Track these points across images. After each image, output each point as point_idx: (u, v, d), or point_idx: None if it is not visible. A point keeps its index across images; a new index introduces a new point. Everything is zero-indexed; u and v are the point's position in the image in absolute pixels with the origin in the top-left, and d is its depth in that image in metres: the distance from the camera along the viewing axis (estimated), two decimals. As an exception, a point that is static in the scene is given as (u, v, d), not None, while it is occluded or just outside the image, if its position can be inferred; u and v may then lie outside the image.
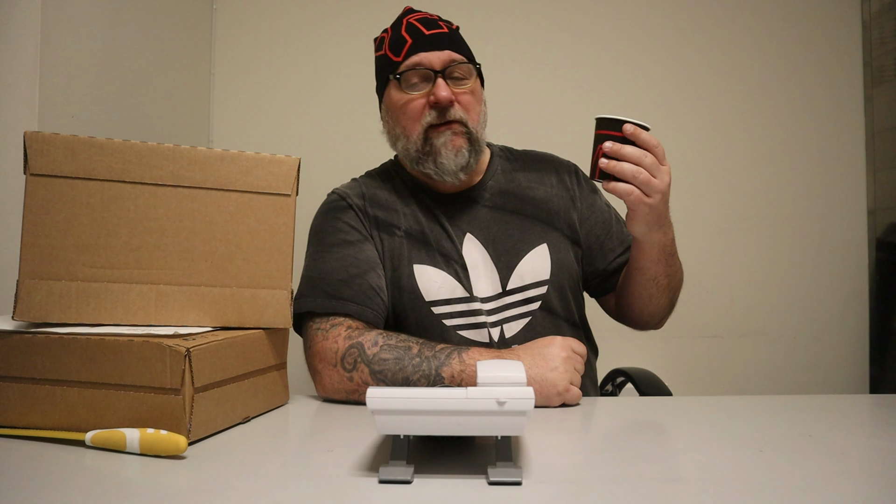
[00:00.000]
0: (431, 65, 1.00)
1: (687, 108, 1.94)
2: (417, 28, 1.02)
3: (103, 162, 0.81)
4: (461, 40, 1.07)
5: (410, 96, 1.01)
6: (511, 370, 0.66)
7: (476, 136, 1.03)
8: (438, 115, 1.00)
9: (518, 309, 1.03)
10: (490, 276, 1.03)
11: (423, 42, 1.01)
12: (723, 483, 0.62)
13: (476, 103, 1.04)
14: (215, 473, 0.65)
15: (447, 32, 1.04)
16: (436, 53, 1.01)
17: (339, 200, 1.08)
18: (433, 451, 0.69)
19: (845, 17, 1.90)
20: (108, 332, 0.77)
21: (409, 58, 1.01)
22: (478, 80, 1.06)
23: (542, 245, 1.06)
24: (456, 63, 1.01)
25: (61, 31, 1.23)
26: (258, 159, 0.87)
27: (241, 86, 1.93)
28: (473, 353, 0.89)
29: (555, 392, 0.86)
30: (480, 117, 1.05)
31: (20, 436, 0.75)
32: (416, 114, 1.01)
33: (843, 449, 0.71)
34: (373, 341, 0.92)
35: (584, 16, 1.94)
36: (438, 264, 1.03)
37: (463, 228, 1.05)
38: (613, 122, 0.90)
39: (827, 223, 1.89)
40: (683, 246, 1.91)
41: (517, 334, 1.02)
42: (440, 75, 1.00)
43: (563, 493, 0.59)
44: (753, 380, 1.85)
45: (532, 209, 1.09)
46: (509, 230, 1.06)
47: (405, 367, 0.89)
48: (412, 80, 1.02)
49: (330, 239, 1.04)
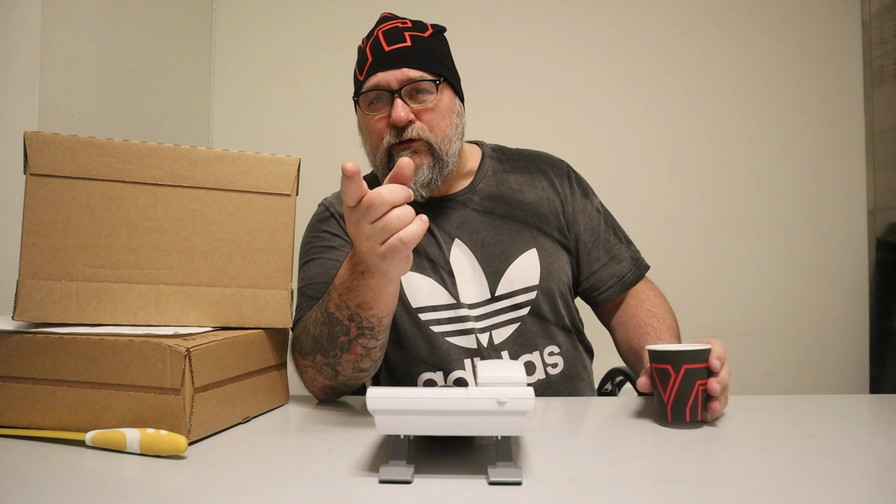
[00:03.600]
0: (389, 85, 0.99)
1: (687, 108, 1.94)
2: (380, 44, 1.01)
3: (103, 162, 0.81)
4: (430, 51, 1.02)
5: (371, 117, 1.02)
6: (511, 370, 0.66)
7: (441, 152, 1.01)
8: (397, 134, 0.99)
9: (506, 315, 1.03)
10: (478, 282, 1.03)
11: (382, 60, 1.00)
12: (723, 483, 0.62)
13: (441, 118, 1.01)
14: (215, 473, 0.65)
15: (408, 46, 1.00)
16: (392, 73, 0.99)
17: (323, 212, 1.11)
18: (433, 451, 0.69)
19: (845, 17, 1.90)
20: (108, 332, 0.77)
21: (368, 78, 1.01)
22: (448, 91, 1.03)
23: (532, 250, 1.06)
24: (414, 81, 0.99)
25: (61, 31, 1.23)
26: (258, 159, 0.87)
27: (241, 86, 1.93)
28: (337, 279, 0.83)
29: (382, 265, 0.73)
30: (449, 131, 1.02)
31: (20, 436, 0.75)
32: (378, 134, 1.01)
33: (843, 449, 0.71)
34: (295, 332, 0.94)
35: (583, 16, 1.94)
36: (425, 271, 1.03)
37: (451, 234, 1.05)
38: (699, 354, 0.79)
39: (827, 223, 1.89)
40: (683, 246, 1.92)
41: (506, 340, 1.02)
42: (397, 94, 0.98)
43: (563, 493, 0.59)
44: (753, 380, 1.85)
45: (522, 213, 1.08)
46: (498, 235, 1.06)
47: (309, 333, 0.89)
48: (372, 100, 1.02)
49: (314, 249, 1.07)
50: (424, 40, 1.02)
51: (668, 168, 1.93)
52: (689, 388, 0.78)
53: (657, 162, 1.93)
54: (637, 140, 1.94)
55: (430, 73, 1.00)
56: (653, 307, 1.08)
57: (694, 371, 0.78)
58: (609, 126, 1.95)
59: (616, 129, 1.95)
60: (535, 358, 1.04)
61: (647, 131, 1.94)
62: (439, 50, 1.04)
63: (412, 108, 0.99)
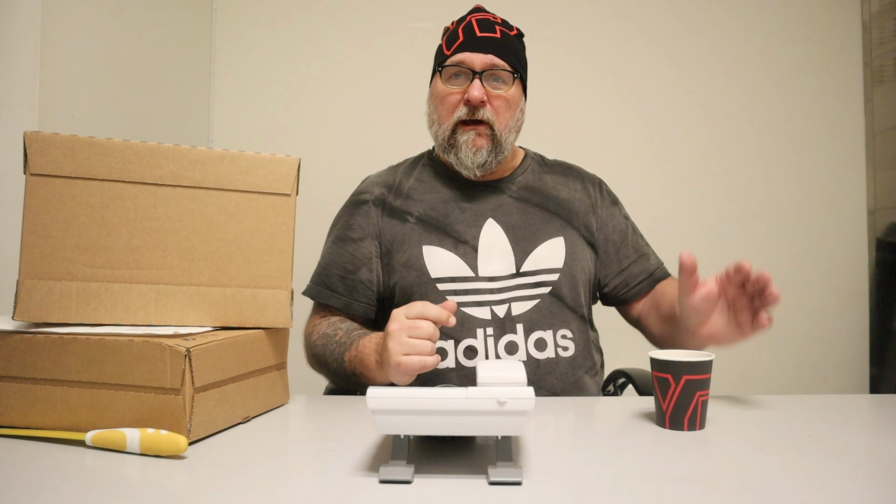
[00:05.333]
0: (472, 65, 1.08)
1: (687, 108, 1.94)
2: (472, 28, 1.10)
3: (103, 162, 0.81)
4: (513, 47, 1.12)
5: (449, 90, 1.10)
6: (511, 370, 0.66)
7: (500, 138, 1.10)
8: (469, 112, 1.08)
9: (528, 291, 1.09)
10: (506, 257, 1.10)
11: (472, 42, 1.09)
12: (723, 483, 0.62)
13: (508, 109, 1.10)
14: (215, 473, 0.65)
15: (498, 38, 1.10)
16: (479, 55, 1.08)
17: (363, 192, 1.19)
18: (433, 451, 0.69)
19: (845, 17, 1.91)
20: (108, 332, 0.77)
21: (455, 54, 1.10)
22: (519, 87, 1.13)
23: (559, 237, 1.12)
24: (496, 68, 1.08)
25: (61, 31, 1.23)
26: (258, 159, 0.87)
27: (241, 86, 1.93)
28: (366, 340, 1.00)
29: (392, 369, 0.89)
30: (511, 122, 1.11)
31: (20, 436, 0.75)
32: (450, 107, 1.10)
33: (843, 449, 0.71)
34: (319, 331, 1.09)
35: (583, 16, 1.94)
36: (447, 246, 1.11)
37: (486, 214, 1.13)
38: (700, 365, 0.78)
39: (827, 223, 1.89)
40: (683, 246, 1.92)
41: (523, 314, 1.07)
42: (478, 76, 1.08)
43: (563, 493, 0.59)
44: (753, 380, 1.85)
45: (554, 206, 1.16)
46: (530, 220, 1.13)
47: (325, 351, 1.05)
48: (452, 75, 1.10)
49: (340, 233, 1.18)
50: (511, 37, 1.13)
51: (667, 168, 1.93)
52: (689, 399, 0.78)
53: (657, 162, 1.93)
54: (636, 140, 1.94)
55: (510, 66, 1.10)
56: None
57: (694, 382, 0.78)
58: (609, 126, 1.95)
59: (616, 128, 1.95)
60: (547, 336, 1.07)
61: (647, 131, 1.94)
62: (520, 50, 1.15)
63: (487, 92, 1.08)
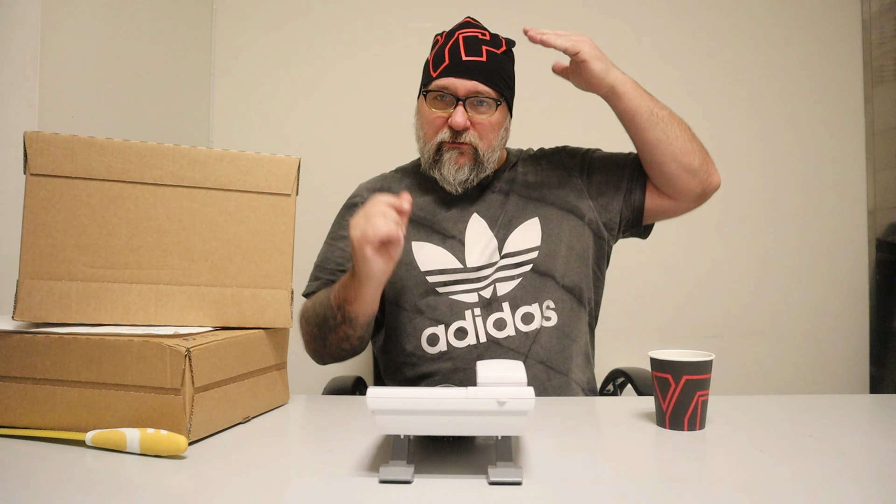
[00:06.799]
0: (456, 91, 1.11)
1: (687, 108, 1.93)
2: (458, 51, 1.12)
3: (103, 162, 0.81)
4: (499, 70, 1.13)
5: (433, 113, 1.13)
6: (511, 370, 0.66)
7: (482, 158, 1.14)
8: (452, 135, 1.12)
9: (511, 271, 1.15)
10: (489, 246, 1.16)
11: (457, 67, 1.11)
12: (723, 483, 0.62)
13: (492, 131, 1.14)
14: (215, 473, 0.65)
15: (483, 62, 1.11)
16: (463, 82, 1.10)
17: (354, 198, 1.26)
18: (433, 451, 0.69)
19: (845, 17, 1.90)
20: (108, 332, 0.77)
21: (439, 79, 1.12)
22: (504, 110, 1.16)
23: (534, 218, 1.18)
24: (480, 95, 1.11)
25: (61, 31, 1.23)
26: (258, 159, 0.87)
27: (241, 86, 1.93)
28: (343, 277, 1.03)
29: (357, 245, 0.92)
30: (495, 142, 1.15)
31: (20, 436, 0.75)
32: (434, 128, 1.14)
33: (843, 449, 0.71)
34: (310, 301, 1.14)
35: (582, 16, 1.94)
36: (436, 241, 1.17)
37: (470, 210, 1.19)
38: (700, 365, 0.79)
39: (827, 223, 1.89)
40: (684, 246, 1.92)
41: (508, 293, 1.13)
42: (461, 102, 1.10)
43: (563, 493, 0.59)
44: (753, 380, 1.85)
45: (526, 191, 1.22)
46: (508, 209, 1.19)
47: (314, 305, 1.10)
48: (437, 99, 1.13)
49: (334, 233, 1.24)
50: (498, 57, 1.14)
51: (668, 168, 1.93)
52: (689, 399, 0.78)
53: (657, 162, 1.93)
54: (637, 140, 1.93)
55: (494, 92, 1.12)
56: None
57: (694, 382, 0.78)
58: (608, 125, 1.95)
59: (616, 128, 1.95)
60: (533, 309, 1.12)
61: (647, 131, 1.93)
62: (507, 68, 1.17)
63: (470, 117, 1.11)
